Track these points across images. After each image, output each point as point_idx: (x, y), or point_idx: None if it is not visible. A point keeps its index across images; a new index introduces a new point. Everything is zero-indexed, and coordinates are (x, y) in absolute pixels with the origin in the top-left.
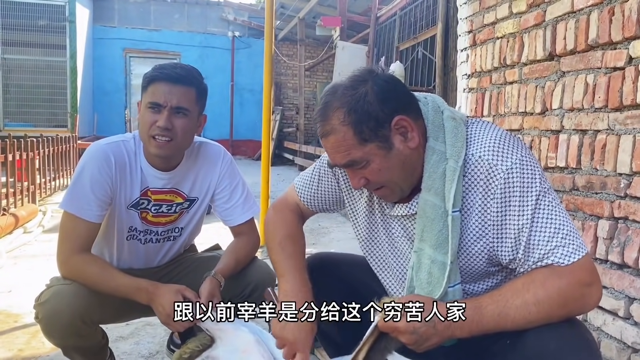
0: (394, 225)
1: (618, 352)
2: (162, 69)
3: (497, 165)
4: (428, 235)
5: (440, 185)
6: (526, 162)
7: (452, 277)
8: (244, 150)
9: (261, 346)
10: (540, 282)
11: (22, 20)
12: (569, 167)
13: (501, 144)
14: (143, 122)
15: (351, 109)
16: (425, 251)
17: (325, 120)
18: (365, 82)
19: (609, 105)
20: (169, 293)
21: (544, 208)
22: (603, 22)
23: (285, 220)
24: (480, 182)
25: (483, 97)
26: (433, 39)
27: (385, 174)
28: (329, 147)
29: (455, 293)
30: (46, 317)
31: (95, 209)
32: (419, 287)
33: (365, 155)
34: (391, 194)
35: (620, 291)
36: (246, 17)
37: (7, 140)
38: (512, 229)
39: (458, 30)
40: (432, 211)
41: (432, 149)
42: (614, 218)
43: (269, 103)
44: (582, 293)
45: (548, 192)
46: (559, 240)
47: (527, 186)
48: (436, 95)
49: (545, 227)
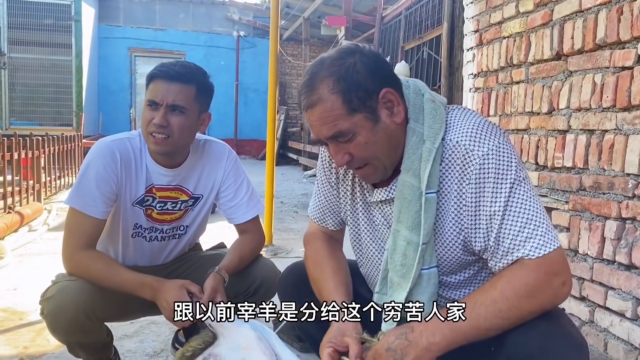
0: (375, 213)
1: (625, 354)
2: (161, 67)
3: (473, 151)
4: (404, 216)
5: (417, 167)
6: (503, 149)
7: (426, 258)
8: (248, 150)
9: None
10: (508, 278)
11: (28, 20)
12: (576, 167)
13: (479, 129)
14: (143, 119)
15: (340, 77)
16: (401, 232)
17: (312, 90)
18: (353, 53)
19: (617, 105)
20: (173, 288)
21: (517, 197)
22: (611, 21)
23: (312, 250)
24: (457, 166)
25: (489, 96)
26: (438, 39)
27: (371, 149)
28: (315, 118)
29: (430, 276)
30: (51, 313)
31: (101, 206)
32: (392, 269)
33: (352, 127)
34: (374, 173)
35: (627, 292)
36: (251, 16)
37: (12, 138)
38: (485, 216)
39: (464, 29)
40: (410, 192)
41: (413, 130)
42: (622, 218)
43: (274, 102)
44: (550, 286)
45: (523, 181)
46: (530, 231)
47: (502, 173)
48: (417, 80)
49: (517, 217)
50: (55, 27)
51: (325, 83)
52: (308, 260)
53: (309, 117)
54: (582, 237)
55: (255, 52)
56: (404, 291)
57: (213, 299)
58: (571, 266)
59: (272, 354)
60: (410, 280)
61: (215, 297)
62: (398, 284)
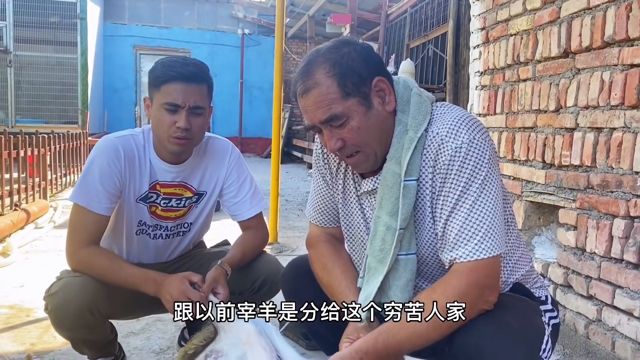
0: (365, 205)
1: (633, 353)
2: (173, 68)
3: (448, 142)
4: (386, 202)
5: (399, 155)
6: (476, 144)
7: (404, 244)
8: (252, 148)
9: (263, 337)
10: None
11: (33, 18)
12: (583, 165)
13: (458, 123)
14: (160, 123)
15: (336, 62)
16: (381, 218)
17: (307, 76)
18: (347, 44)
19: (626, 103)
20: (176, 280)
21: (474, 196)
22: (620, 18)
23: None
24: (432, 155)
25: (496, 94)
26: (444, 37)
27: (363, 134)
28: (310, 103)
29: (407, 262)
30: (55, 309)
31: (105, 202)
32: (371, 254)
33: (346, 111)
34: (365, 161)
35: (635, 291)
36: (256, 14)
37: (18, 136)
38: (441, 207)
39: (470, 27)
40: (392, 179)
41: (399, 121)
42: (630, 217)
43: (279, 100)
44: (480, 293)
45: (487, 181)
46: (470, 233)
47: (468, 168)
48: (408, 78)
49: (464, 216)
50: (61, 25)
51: (322, 68)
52: (315, 265)
53: (305, 102)
54: (589, 235)
55: (259, 50)
56: (379, 275)
57: (214, 289)
58: (578, 265)
59: (272, 349)
60: (387, 265)
61: (217, 287)
62: (375, 269)
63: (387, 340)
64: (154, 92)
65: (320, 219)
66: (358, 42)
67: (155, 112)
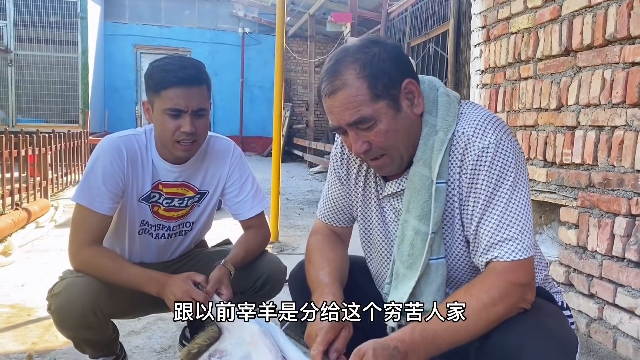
0: (386, 208)
1: (635, 351)
2: (172, 72)
3: (474, 142)
4: (414, 206)
5: (428, 157)
6: (503, 145)
7: (434, 249)
8: (253, 147)
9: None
10: (480, 286)
11: (34, 17)
12: (584, 163)
13: (484, 123)
14: (164, 128)
15: (366, 63)
16: (409, 222)
17: (336, 76)
18: (377, 43)
19: (627, 101)
20: (179, 280)
21: (507, 197)
22: (621, 16)
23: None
24: (459, 155)
25: (497, 93)
26: (445, 35)
27: (391, 137)
28: (338, 104)
29: (438, 267)
30: (58, 309)
31: (107, 202)
32: (399, 259)
33: (374, 113)
34: (390, 164)
35: (637, 289)
36: (256, 13)
37: (19, 135)
38: (472, 208)
39: (471, 25)
40: (420, 182)
41: (426, 122)
42: (632, 215)
43: (280, 99)
44: (520, 292)
45: (517, 181)
46: (508, 234)
47: (497, 169)
48: (433, 77)
49: (499, 216)
50: (62, 24)
51: (352, 68)
52: (307, 249)
53: (331, 103)
54: (591, 234)
55: (260, 48)
56: (410, 281)
57: (217, 289)
58: (580, 263)
59: (277, 349)
60: (419, 270)
61: (220, 287)
62: (404, 275)
63: (425, 332)
64: (153, 97)
65: (328, 217)
66: (387, 42)
67: (157, 117)
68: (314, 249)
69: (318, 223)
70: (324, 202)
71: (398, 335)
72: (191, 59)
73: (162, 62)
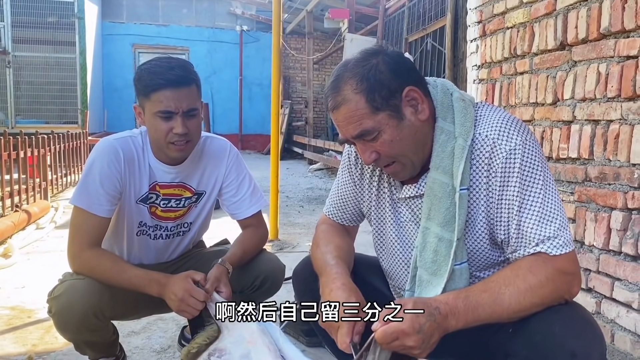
0: (402, 209)
1: (632, 345)
2: (160, 75)
3: (500, 145)
4: (435, 213)
5: (448, 164)
6: (529, 146)
7: (458, 255)
8: (253, 145)
9: (266, 336)
10: (528, 268)
11: (31, 18)
12: (581, 158)
13: (507, 125)
14: (157, 131)
15: (363, 77)
16: (431, 230)
17: (337, 92)
18: (376, 54)
19: (622, 95)
20: (179, 279)
21: (542, 195)
22: (615, 10)
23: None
24: (485, 159)
25: (493, 88)
26: (442, 30)
27: (397, 146)
28: (341, 119)
29: (462, 271)
30: (59, 312)
31: (105, 204)
32: (422, 266)
33: (377, 125)
34: (402, 170)
35: (634, 283)
36: (254, 10)
37: (18, 137)
38: (508, 207)
39: (467, 20)
40: (440, 189)
41: (441, 129)
42: (628, 209)
43: (277, 97)
44: (567, 280)
45: (547, 180)
46: (552, 231)
47: (528, 170)
48: (446, 80)
49: (539, 216)
50: (59, 25)
51: (349, 84)
52: (315, 236)
53: (336, 117)
54: (588, 228)
55: (258, 46)
56: (436, 288)
57: (216, 287)
58: (577, 257)
59: (275, 348)
60: (444, 276)
61: (219, 286)
62: (428, 282)
63: (468, 300)
64: (144, 101)
65: (336, 214)
66: (387, 51)
67: (149, 120)
68: (322, 235)
69: (324, 217)
70: (334, 200)
71: (441, 298)
72: (179, 59)
73: (150, 64)
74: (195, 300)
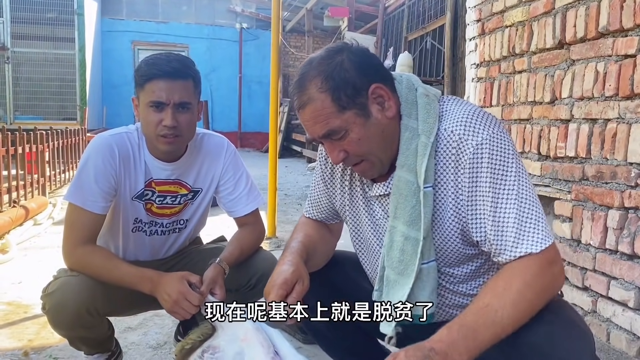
0: (375, 207)
1: (628, 344)
2: (156, 65)
3: (467, 140)
4: (401, 212)
5: (412, 162)
6: (497, 139)
7: (425, 253)
8: (252, 143)
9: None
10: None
11: (30, 14)
12: (578, 156)
13: (473, 118)
14: (147, 122)
15: (328, 76)
16: (398, 228)
17: (302, 91)
18: (340, 52)
19: (620, 94)
20: (173, 280)
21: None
22: (614, 8)
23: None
24: (452, 156)
25: (492, 86)
26: (442, 29)
27: (365, 145)
28: (307, 118)
29: (429, 270)
30: (53, 308)
31: (100, 201)
32: (389, 266)
33: (343, 124)
34: (371, 168)
35: (630, 282)
36: (254, 8)
37: (17, 133)
38: (481, 207)
39: (466, 19)
40: (406, 187)
41: (406, 126)
42: (624, 208)
43: (276, 95)
44: (552, 275)
45: (519, 172)
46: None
47: (498, 164)
48: (411, 74)
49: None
50: (58, 21)
51: (314, 83)
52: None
53: (302, 116)
54: (584, 227)
55: (258, 44)
56: (404, 287)
57: (211, 289)
58: (574, 256)
59: (269, 344)
60: (412, 276)
61: (214, 288)
62: (395, 281)
63: (463, 328)
64: (139, 91)
65: (313, 213)
66: (352, 47)
67: (142, 111)
68: (297, 228)
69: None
70: (310, 198)
71: (435, 337)
72: (180, 55)
73: (150, 57)
74: (189, 303)
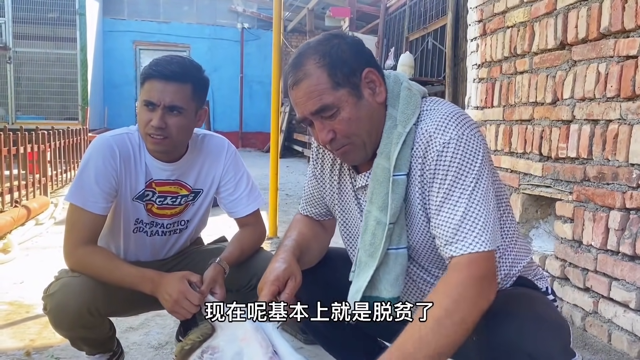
0: (362, 200)
1: (629, 345)
2: (156, 65)
3: (435, 138)
4: (376, 197)
5: (389, 150)
6: (465, 140)
7: (394, 239)
8: (253, 143)
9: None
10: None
11: (32, 14)
12: (580, 157)
13: (447, 119)
14: (139, 119)
15: (326, 53)
16: (372, 213)
17: (298, 68)
18: (337, 37)
19: (621, 95)
20: (174, 280)
21: (468, 191)
22: (615, 9)
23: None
24: (421, 152)
25: (493, 87)
26: (443, 29)
27: (354, 125)
28: (301, 94)
29: (397, 256)
30: (54, 309)
31: (101, 201)
32: (362, 248)
33: (336, 101)
34: (354, 151)
35: (631, 283)
36: (255, 8)
37: (18, 133)
38: (433, 201)
39: (468, 19)
40: (382, 174)
41: (389, 116)
42: (626, 209)
43: (277, 95)
44: (480, 286)
45: (480, 175)
46: (468, 228)
47: (457, 163)
48: (400, 72)
49: (461, 210)
50: (60, 21)
51: (312, 59)
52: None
53: (295, 94)
54: (586, 227)
55: (259, 44)
56: (369, 270)
57: (212, 289)
58: (575, 257)
59: (268, 344)
60: (377, 259)
61: (214, 287)
62: (365, 263)
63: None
64: (140, 90)
65: (307, 209)
66: (348, 36)
67: (138, 109)
68: (292, 225)
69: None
70: (304, 195)
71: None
72: (188, 59)
73: (158, 57)
74: (189, 303)
